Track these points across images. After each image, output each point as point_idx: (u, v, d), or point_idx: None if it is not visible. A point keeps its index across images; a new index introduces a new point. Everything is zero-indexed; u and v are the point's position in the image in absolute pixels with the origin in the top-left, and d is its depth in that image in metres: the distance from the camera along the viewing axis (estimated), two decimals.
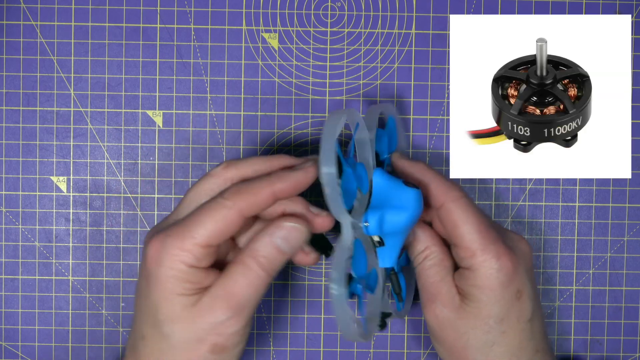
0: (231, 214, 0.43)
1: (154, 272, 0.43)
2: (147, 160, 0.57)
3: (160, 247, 0.43)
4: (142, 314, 0.45)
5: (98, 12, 0.56)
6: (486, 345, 0.48)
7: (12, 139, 0.57)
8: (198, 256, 0.43)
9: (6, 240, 0.57)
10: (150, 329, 0.44)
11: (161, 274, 0.43)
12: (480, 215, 0.48)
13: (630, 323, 0.58)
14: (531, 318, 0.49)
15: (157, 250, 0.43)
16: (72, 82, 0.57)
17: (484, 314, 0.48)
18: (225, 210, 0.43)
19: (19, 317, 0.57)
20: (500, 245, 0.48)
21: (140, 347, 0.45)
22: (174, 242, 0.43)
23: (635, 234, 0.58)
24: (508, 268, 0.47)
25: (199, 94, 0.57)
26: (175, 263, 0.43)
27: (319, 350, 0.58)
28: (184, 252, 0.43)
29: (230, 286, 0.43)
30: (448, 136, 0.57)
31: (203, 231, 0.43)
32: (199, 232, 0.43)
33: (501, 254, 0.47)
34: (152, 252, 0.43)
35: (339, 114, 0.45)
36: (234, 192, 0.44)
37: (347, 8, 0.57)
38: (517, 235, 0.51)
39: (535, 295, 0.50)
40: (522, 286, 0.49)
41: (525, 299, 0.49)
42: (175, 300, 0.43)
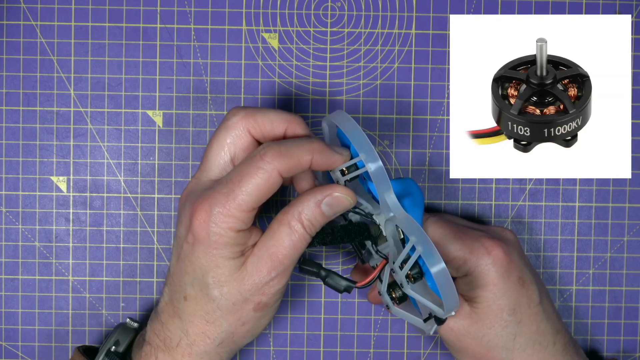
0: (273, 177, 0.44)
1: (203, 238, 0.44)
2: (147, 160, 0.57)
3: (208, 216, 0.44)
4: (185, 275, 0.46)
5: (98, 12, 0.56)
6: (508, 340, 0.49)
7: (12, 139, 0.57)
8: (245, 220, 0.44)
9: (6, 240, 0.57)
10: (195, 290, 0.46)
11: (211, 241, 0.44)
12: (452, 225, 0.50)
13: (630, 323, 0.58)
14: (540, 301, 0.50)
15: (205, 218, 0.44)
16: (72, 82, 0.57)
17: (495, 310, 0.48)
18: (267, 175, 0.44)
19: (19, 317, 0.57)
20: (486, 240, 0.49)
21: (183, 306, 0.46)
22: (222, 210, 0.44)
23: (635, 234, 0.58)
24: (502, 259, 0.49)
25: (199, 94, 0.57)
26: (224, 230, 0.44)
27: (319, 350, 0.58)
28: (232, 219, 0.44)
29: (275, 247, 0.45)
30: (448, 136, 0.57)
31: (247, 197, 0.44)
32: (244, 199, 0.44)
33: (490, 248, 0.49)
34: (200, 220, 0.44)
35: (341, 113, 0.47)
36: (274, 154, 0.44)
37: (347, 8, 0.57)
38: (499, 227, 0.53)
39: (536, 278, 0.51)
40: (521, 272, 0.50)
41: (528, 284, 0.50)
42: (224, 264, 0.45)
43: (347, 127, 0.46)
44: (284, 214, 0.45)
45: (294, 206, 0.45)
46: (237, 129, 0.46)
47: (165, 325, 0.47)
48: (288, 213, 0.45)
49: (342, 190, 0.46)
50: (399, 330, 0.58)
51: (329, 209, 0.46)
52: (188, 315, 0.46)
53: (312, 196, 0.45)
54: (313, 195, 0.45)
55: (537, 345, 0.50)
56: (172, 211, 0.57)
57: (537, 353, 0.49)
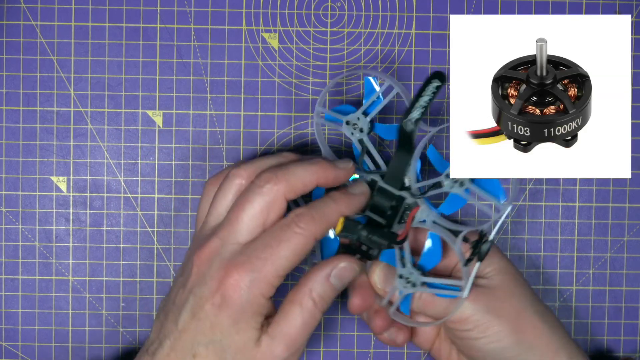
0: (310, 242, 0.45)
1: (234, 304, 0.44)
2: (147, 160, 0.57)
3: (243, 281, 0.44)
4: (201, 335, 0.45)
5: (98, 12, 0.56)
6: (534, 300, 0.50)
7: (12, 139, 0.57)
8: (276, 286, 0.45)
9: (6, 240, 0.57)
10: (208, 352, 0.45)
11: (241, 307, 0.44)
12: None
13: (630, 323, 0.58)
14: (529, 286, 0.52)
15: (239, 283, 0.44)
16: (72, 82, 0.57)
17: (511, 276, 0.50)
18: (304, 240, 0.44)
19: (19, 317, 0.57)
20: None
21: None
22: (259, 275, 0.44)
23: (635, 234, 0.58)
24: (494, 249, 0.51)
25: (199, 94, 0.57)
26: (257, 297, 0.44)
27: (319, 351, 0.58)
28: (267, 285, 0.44)
29: (288, 328, 0.45)
30: (448, 136, 0.57)
31: (285, 262, 0.44)
32: (282, 264, 0.44)
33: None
34: (234, 285, 0.44)
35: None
36: (309, 220, 0.45)
37: (347, 8, 0.57)
38: None
39: None
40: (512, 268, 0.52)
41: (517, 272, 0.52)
42: (245, 332, 0.44)
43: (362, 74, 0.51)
44: (295, 293, 0.46)
45: (304, 284, 0.46)
46: (273, 196, 0.46)
47: None
48: (299, 292, 0.46)
49: (347, 259, 0.47)
50: None
51: (337, 281, 0.46)
52: None
53: (321, 271, 0.46)
54: (321, 270, 0.46)
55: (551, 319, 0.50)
56: (172, 211, 0.57)
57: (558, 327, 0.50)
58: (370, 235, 0.46)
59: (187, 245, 0.57)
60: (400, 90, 0.49)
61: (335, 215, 0.46)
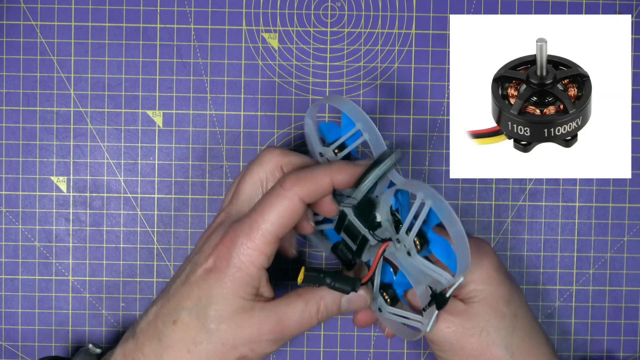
0: (294, 204, 0.44)
1: (222, 268, 0.44)
2: (147, 160, 0.57)
3: (232, 246, 0.44)
4: (186, 299, 0.45)
5: (98, 12, 0.56)
6: (507, 334, 0.49)
7: (12, 139, 0.57)
8: (268, 255, 0.44)
9: (6, 240, 0.57)
10: (191, 317, 0.44)
11: (229, 272, 0.44)
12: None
13: (630, 323, 0.58)
14: (525, 300, 0.51)
15: (229, 248, 0.44)
16: (72, 82, 0.57)
17: (492, 302, 0.49)
18: (288, 201, 0.44)
19: (19, 317, 0.57)
20: (476, 239, 0.51)
21: (168, 330, 0.45)
22: (246, 241, 0.44)
23: (635, 234, 0.58)
24: (494, 255, 0.50)
25: (199, 94, 0.57)
26: (246, 264, 0.44)
27: (319, 351, 0.58)
28: (256, 252, 0.44)
29: (285, 315, 0.45)
30: (448, 136, 0.57)
31: (271, 226, 0.44)
32: (268, 228, 0.44)
33: (482, 245, 0.50)
34: (224, 249, 0.44)
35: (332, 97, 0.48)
36: (294, 180, 0.44)
37: (347, 8, 0.57)
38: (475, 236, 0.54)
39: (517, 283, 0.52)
40: (507, 272, 0.51)
41: (514, 281, 0.51)
42: (233, 301, 0.44)
43: (337, 101, 0.47)
44: (307, 291, 0.46)
45: (319, 290, 0.46)
46: (271, 166, 0.47)
47: (141, 346, 0.45)
48: (310, 292, 0.46)
49: (366, 291, 0.47)
50: None
51: (347, 305, 0.47)
52: (171, 340, 0.45)
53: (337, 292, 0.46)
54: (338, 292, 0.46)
55: (533, 341, 0.49)
56: (172, 211, 0.57)
57: (534, 349, 0.49)
58: (334, 283, 0.46)
59: (188, 245, 0.57)
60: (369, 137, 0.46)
61: (325, 177, 0.45)
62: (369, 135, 0.46)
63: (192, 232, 0.57)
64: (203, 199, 0.57)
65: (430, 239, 0.45)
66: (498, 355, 0.49)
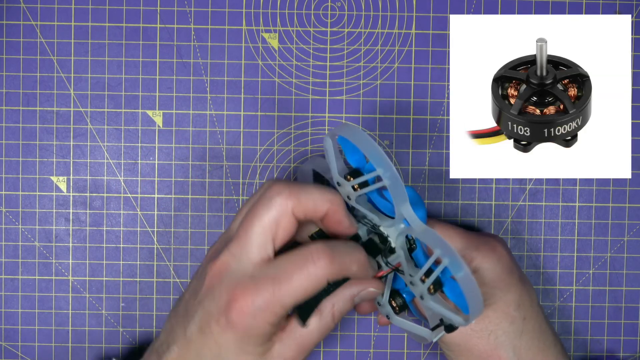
0: (321, 284, 0.44)
1: (239, 328, 0.43)
2: (147, 160, 0.57)
3: (249, 308, 0.43)
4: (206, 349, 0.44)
5: (98, 12, 0.56)
6: (515, 337, 0.49)
7: (12, 139, 0.57)
8: (283, 315, 0.44)
9: (6, 240, 0.57)
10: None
11: (245, 332, 0.43)
12: (457, 227, 0.52)
13: (630, 323, 0.58)
14: (538, 302, 0.51)
15: (245, 309, 0.43)
16: (72, 82, 0.57)
17: (502, 306, 0.49)
18: (317, 282, 0.43)
19: (19, 317, 0.57)
20: (488, 240, 0.51)
21: None
22: (265, 305, 0.43)
23: (635, 234, 0.58)
24: (506, 256, 0.50)
25: (199, 94, 0.57)
26: (262, 324, 0.43)
27: (319, 351, 0.58)
28: (272, 315, 0.43)
29: (303, 337, 0.45)
30: (448, 136, 0.57)
31: (292, 299, 0.43)
32: (289, 300, 0.43)
33: (493, 246, 0.50)
34: (240, 310, 0.43)
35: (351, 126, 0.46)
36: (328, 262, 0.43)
37: (347, 8, 0.57)
38: (489, 233, 0.54)
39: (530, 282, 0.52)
40: (520, 272, 0.51)
41: (528, 283, 0.51)
42: (251, 354, 0.44)
43: (360, 141, 0.44)
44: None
45: (329, 298, 0.45)
46: (281, 210, 0.44)
47: None
48: (322, 303, 0.45)
49: (377, 285, 0.46)
50: (399, 330, 0.58)
51: (359, 300, 0.46)
52: None
53: (349, 291, 0.45)
54: (349, 290, 0.45)
55: (541, 344, 0.50)
56: (172, 211, 0.57)
57: (541, 352, 0.50)
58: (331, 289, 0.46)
59: (187, 245, 0.57)
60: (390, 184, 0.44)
61: (353, 266, 0.45)
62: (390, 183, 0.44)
63: (192, 232, 0.57)
64: (203, 199, 0.57)
65: (444, 282, 0.45)
66: (505, 357, 0.49)
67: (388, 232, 0.47)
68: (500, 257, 0.50)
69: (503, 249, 0.50)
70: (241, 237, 0.44)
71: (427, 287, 0.44)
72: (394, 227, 0.47)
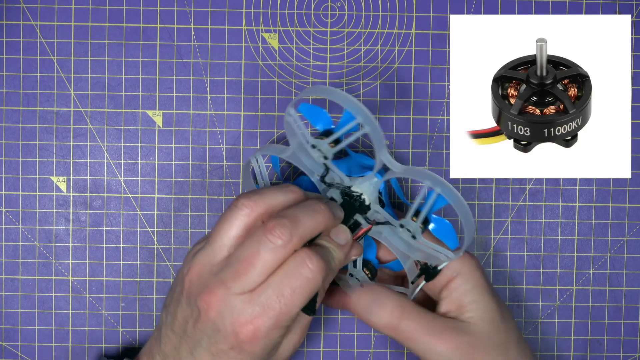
0: (319, 284, 0.44)
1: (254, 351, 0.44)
2: (147, 160, 0.57)
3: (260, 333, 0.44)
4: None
5: (98, 12, 0.56)
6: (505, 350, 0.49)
7: (12, 139, 0.57)
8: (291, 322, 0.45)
9: (6, 240, 0.57)
10: None
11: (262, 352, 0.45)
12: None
13: (630, 323, 0.58)
14: (512, 315, 0.51)
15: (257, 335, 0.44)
16: (72, 82, 0.57)
17: (489, 318, 0.49)
18: (314, 284, 0.44)
19: (19, 317, 0.57)
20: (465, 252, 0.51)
21: None
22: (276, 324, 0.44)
23: (635, 234, 0.58)
24: (480, 268, 0.50)
25: (199, 94, 0.57)
26: (274, 340, 0.45)
27: (319, 351, 0.58)
28: (283, 328, 0.44)
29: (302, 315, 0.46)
30: (448, 136, 0.57)
31: (298, 310, 0.44)
32: (296, 312, 0.44)
33: (469, 256, 0.50)
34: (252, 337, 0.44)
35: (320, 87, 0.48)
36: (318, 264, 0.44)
37: (347, 8, 0.57)
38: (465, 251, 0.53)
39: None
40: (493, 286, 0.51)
41: (500, 297, 0.51)
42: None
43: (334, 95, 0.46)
44: None
45: None
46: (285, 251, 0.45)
47: None
48: None
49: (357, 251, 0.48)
50: None
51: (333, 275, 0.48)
52: None
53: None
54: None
55: (523, 356, 0.50)
56: (172, 211, 0.57)
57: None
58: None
59: (187, 245, 0.57)
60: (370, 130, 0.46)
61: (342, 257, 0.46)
62: (370, 129, 0.46)
63: (192, 232, 0.57)
64: (203, 199, 0.57)
65: (432, 221, 0.48)
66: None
67: (362, 190, 0.49)
68: (477, 264, 0.50)
69: (477, 262, 0.50)
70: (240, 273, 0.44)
71: (419, 223, 0.47)
72: (367, 183, 0.49)
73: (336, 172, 0.49)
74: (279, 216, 0.44)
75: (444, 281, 0.50)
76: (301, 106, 0.49)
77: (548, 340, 0.58)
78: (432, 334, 0.48)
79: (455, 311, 0.49)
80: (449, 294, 0.49)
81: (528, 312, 0.58)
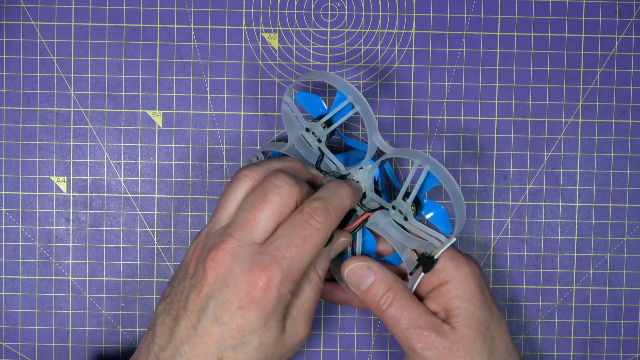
0: (328, 235, 0.46)
1: (264, 305, 0.44)
2: (147, 160, 0.57)
3: (272, 282, 0.44)
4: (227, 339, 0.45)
5: (98, 12, 0.56)
6: (487, 357, 0.49)
7: (12, 139, 0.57)
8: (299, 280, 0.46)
9: (6, 240, 0.57)
10: (236, 353, 0.45)
11: (271, 307, 0.44)
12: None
13: (630, 323, 0.58)
14: (506, 323, 0.51)
15: (269, 285, 0.44)
16: (72, 82, 0.57)
17: (476, 324, 0.49)
18: (325, 234, 0.45)
19: (19, 317, 0.57)
20: (462, 255, 0.50)
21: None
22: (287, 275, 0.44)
23: (635, 234, 0.58)
24: (478, 272, 0.50)
25: (199, 94, 0.57)
26: (285, 295, 0.44)
27: (319, 351, 0.58)
28: (294, 283, 0.45)
29: (304, 304, 0.47)
30: (448, 136, 0.57)
31: (310, 259, 0.45)
32: (307, 261, 0.45)
33: (467, 261, 0.50)
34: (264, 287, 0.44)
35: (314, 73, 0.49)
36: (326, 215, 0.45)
37: (347, 8, 0.57)
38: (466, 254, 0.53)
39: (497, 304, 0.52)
40: (491, 293, 0.51)
41: (495, 302, 0.51)
42: (275, 327, 0.45)
43: (327, 77, 0.48)
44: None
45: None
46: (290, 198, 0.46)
47: None
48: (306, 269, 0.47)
49: (345, 235, 0.49)
50: None
51: (334, 253, 0.49)
52: None
53: (325, 248, 0.47)
54: (325, 248, 0.47)
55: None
56: (172, 211, 0.57)
57: None
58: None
59: (187, 245, 0.57)
60: (361, 109, 0.47)
61: (348, 205, 0.47)
62: (361, 107, 0.47)
63: (192, 232, 0.57)
64: (203, 199, 0.57)
65: (424, 203, 0.48)
66: None
67: (357, 177, 0.50)
68: (473, 272, 0.49)
69: (477, 266, 0.50)
70: (249, 221, 0.45)
71: (410, 203, 0.47)
72: (362, 170, 0.50)
73: (332, 159, 0.50)
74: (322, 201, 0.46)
75: (435, 283, 0.49)
76: (298, 95, 0.50)
77: (548, 340, 0.58)
78: (413, 330, 0.48)
79: (442, 313, 0.49)
80: (438, 296, 0.49)
81: (528, 312, 0.58)
